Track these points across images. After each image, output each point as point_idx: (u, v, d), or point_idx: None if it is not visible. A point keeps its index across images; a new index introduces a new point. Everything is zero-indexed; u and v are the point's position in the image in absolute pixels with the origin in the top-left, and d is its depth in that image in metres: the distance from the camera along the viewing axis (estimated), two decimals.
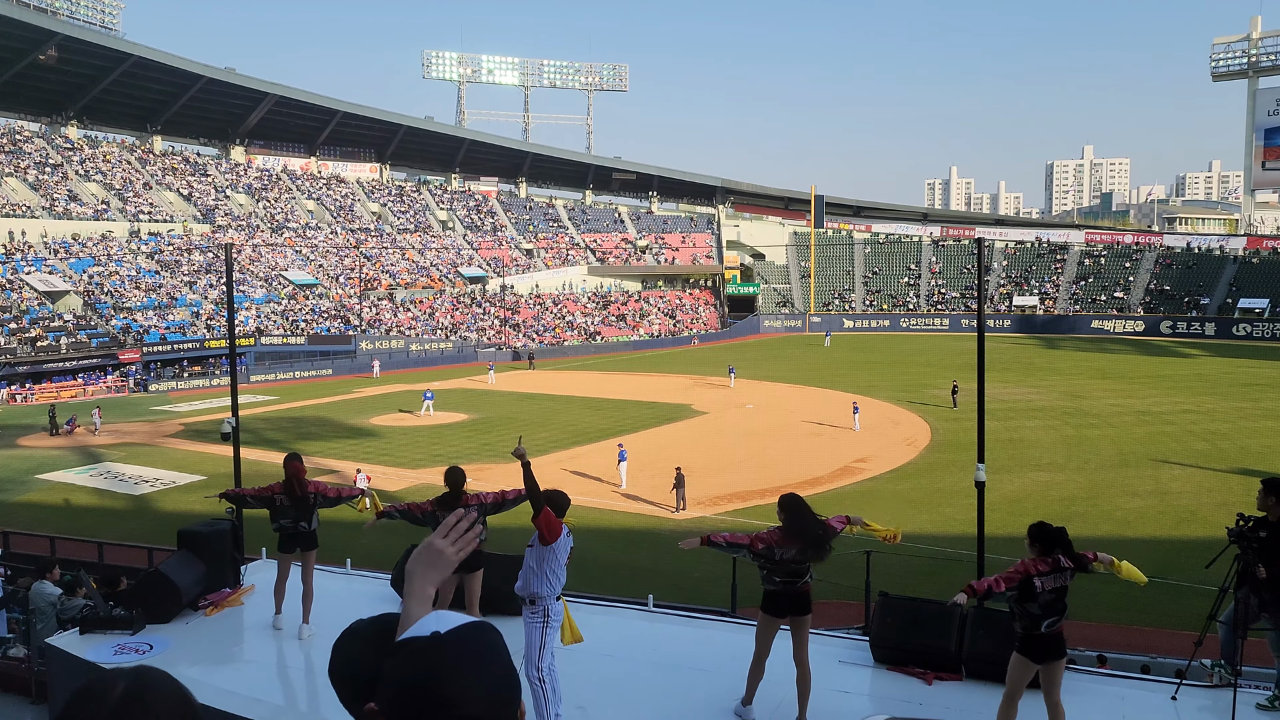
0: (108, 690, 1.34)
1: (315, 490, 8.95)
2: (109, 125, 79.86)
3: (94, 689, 1.35)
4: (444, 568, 1.85)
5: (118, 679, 1.37)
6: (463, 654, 1.41)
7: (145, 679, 1.38)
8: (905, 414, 39.66)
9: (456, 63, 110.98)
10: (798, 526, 6.87)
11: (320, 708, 7.44)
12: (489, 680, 1.41)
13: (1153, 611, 17.42)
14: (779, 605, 6.85)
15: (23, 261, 58.27)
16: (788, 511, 6.99)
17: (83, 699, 1.34)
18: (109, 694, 1.34)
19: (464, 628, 1.46)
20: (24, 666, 9.76)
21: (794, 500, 7.09)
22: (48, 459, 34.21)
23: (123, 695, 1.34)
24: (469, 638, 1.44)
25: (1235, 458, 29.78)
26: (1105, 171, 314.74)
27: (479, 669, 1.40)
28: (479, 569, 8.20)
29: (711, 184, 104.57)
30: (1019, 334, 76.66)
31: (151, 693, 1.36)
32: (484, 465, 29.90)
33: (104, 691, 1.34)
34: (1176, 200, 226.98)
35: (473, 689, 1.38)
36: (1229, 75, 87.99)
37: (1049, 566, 6.16)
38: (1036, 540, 6.29)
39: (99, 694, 1.34)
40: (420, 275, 78.63)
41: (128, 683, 1.36)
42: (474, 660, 1.41)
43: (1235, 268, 78.16)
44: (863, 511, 26.52)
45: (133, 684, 1.36)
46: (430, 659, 1.40)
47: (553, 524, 6.64)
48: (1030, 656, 6.18)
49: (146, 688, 1.36)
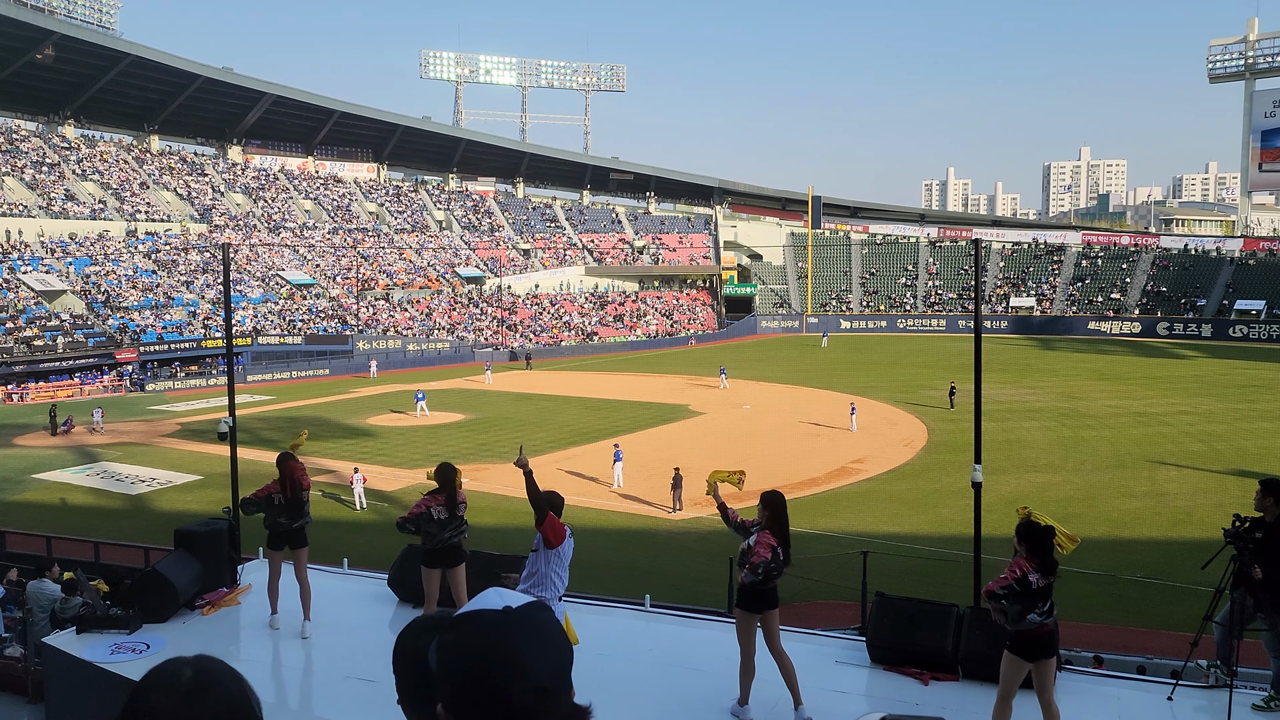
0: (177, 677, 1.39)
1: (307, 487, 9.01)
2: (106, 124, 79.74)
3: (163, 675, 1.40)
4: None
5: (185, 666, 1.42)
6: (536, 627, 1.46)
7: (210, 667, 1.43)
8: (902, 415, 39.69)
9: (454, 63, 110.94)
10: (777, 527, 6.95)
11: (316, 707, 7.44)
12: (555, 654, 1.46)
13: (1149, 612, 17.46)
14: (758, 601, 6.89)
15: (19, 261, 58.17)
16: (770, 510, 7.03)
17: (153, 685, 1.39)
18: (178, 680, 1.39)
19: (531, 604, 1.51)
20: (20, 666, 9.75)
21: (774, 499, 7.10)
22: (44, 458, 34.16)
23: (191, 682, 1.39)
24: (536, 613, 1.49)
25: (1231, 459, 29.83)
26: (1102, 173, 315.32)
27: (550, 642, 1.46)
28: (461, 563, 8.31)
29: (709, 184, 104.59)
30: (1016, 335, 76.73)
31: (216, 681, 1.41)
32: (481, 465, 29.90)
33: (174, 678, 1.39)
34: (1173, 202, 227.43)
35: (544, 661, 1.43)
36: (1226, 77, 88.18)
37: (1038, 564, 6.19)
38: (1024, 539, 6.31)
39: (169, 681, 1.39)
40: (417, 275, 78.58)
41: (195, 670, 1.41)
42: (546, 634, 1.46)
43: (1232, 269, 78.28)
44: (859, 513, 26.46)
45: (200, 672, 1.41)
46: (508, 631, 1.44)
47: (557, 528, 6.69)
48: (1022, 655, 6.20)
49: (212, 676, 1.42)
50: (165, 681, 1.40)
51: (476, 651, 1.41)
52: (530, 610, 1.49)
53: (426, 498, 8.34)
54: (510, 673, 1.39)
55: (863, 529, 22.91)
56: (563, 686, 1.45)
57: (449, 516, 8.20)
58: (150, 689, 1.39)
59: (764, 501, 7.09)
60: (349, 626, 8.97)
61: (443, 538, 8.18)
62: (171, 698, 1.38)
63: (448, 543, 8.22)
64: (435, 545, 8.20)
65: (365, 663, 7.98)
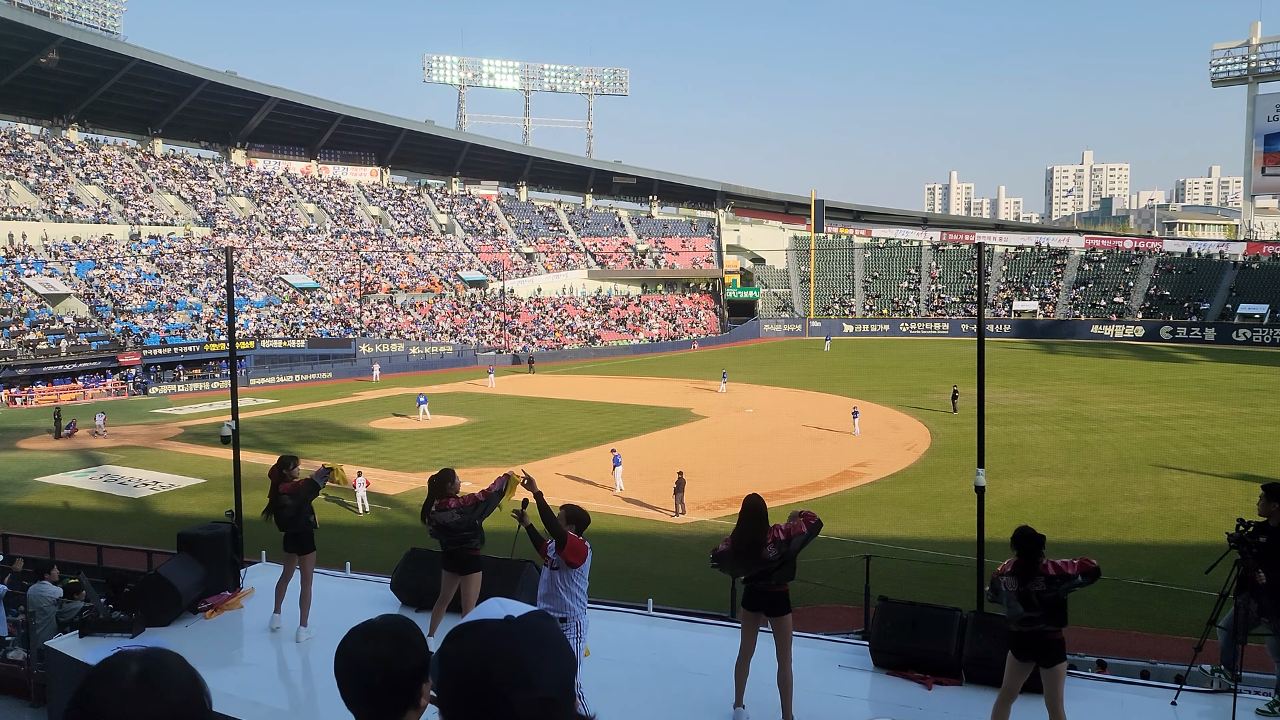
0: (123, 670, 1.38)
1: (290, 490, 8.85)
2: (110, 128, 79.95)
3: (109, 669, 1.39)
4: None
5: (131, 660, 1.41)
6: (539, 636, 1.45)
7: (158, 660, 1.42)
8: (905, 419, 39.65)
9: (457, 66, 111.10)
10: (738, 532, 6.86)
11: (319, 711, 7.43)
12: (560, 664, 1.45)
13: (1152, 617, 17.42)
14: (751, 600, 6.90)
15: (23, 264, 58.29)
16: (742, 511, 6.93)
17: (98, 678, 1.38)
18: (124, 674, 1.38)
19: (534, 613, 1.49)
20: (23, 669, 9.75)
21: (746, 501, 6.99)
22: (47, 462, 34.19)
23: (137, 675, 1.38)
24: (540, 622, 1.48)
25: (1235, 463, 29.77)
26: (1105, 176, 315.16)
27: (554, 652, 1.45)
28: (477, 571, 8.22)
29: (711, 188, 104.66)
30: (1019, 339, 76.68)
31: (164, 673, 1.40)
32: (483, 469, 29.88)
33: (119, 671, 1.38)
34: (1176, 205, 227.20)
35: (549, 672, 1.42)
36: (1229, 81, 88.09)
37: (1009, 569, 6.29)
38: (1014, 545, 6.39)
39: (115, 674, 1.38)
40: (420, 279, 78.65)
41: (141, 664, 1.40)
42: (550, 644, 1.45)
43: (1235, 273, 78.18)
44: (862, 516, 26.40)
45: (146, 664, 1.40)
46: (512, 641, 1.42)
47: (579, 549, 6.63)
48: (1017, 655, 6.28)
49: (159, 668, 1.40)
50: (112, 675, 1.38)
51: (480, 662, 1.39)
52: (533, 619, 1.47)
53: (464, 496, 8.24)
54: (514, 682, 1.37)
55: (865, 533, 22.87)
56: (567, 696, 1.43)
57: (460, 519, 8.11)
58: (96, 684, 1.37)
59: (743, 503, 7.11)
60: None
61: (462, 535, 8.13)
62: (117, 693, 1.36)
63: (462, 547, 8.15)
64: (446, 548, 8.19)
65: None
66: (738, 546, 6.83)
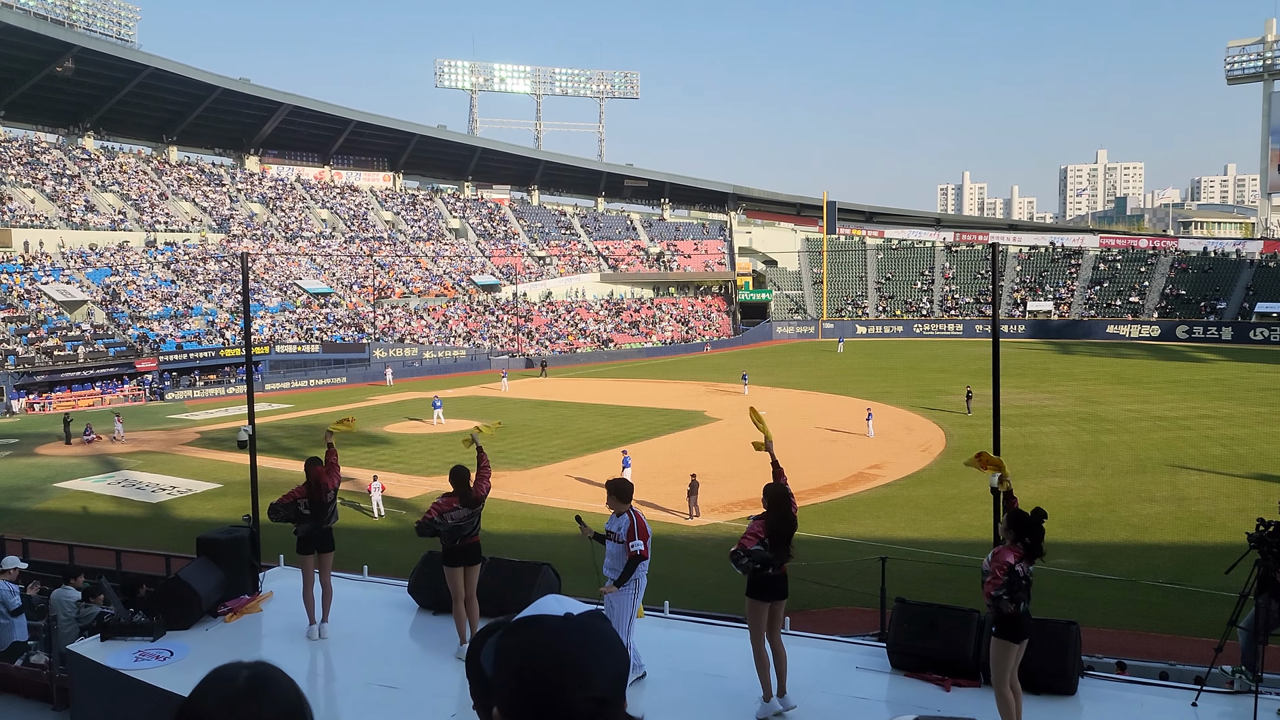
0: (233, 679, 1.45)
1: (334, 488, 9.16)
2: (125, 136, 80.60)
3: (221, 675, 1.46)
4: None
5: (241, 669, 1.47)
6: (596, 635, 1.47)
7: (266, 672, 1.49)
8: (919, 420, 39.53)
9: (469, 71, 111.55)
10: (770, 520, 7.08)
11: (340, 713, 7.47)
12: (614, 665, 1.46)
13: (1171, 618, 17.31)
14: (763, 590, 6.97)
15: (40, 271, 58.80)
16: (768, 501, 7.23)
17: (209, 687, 1.45)
18: (234, 682, 1.44)
19: (591, 612, 1.51)
20: (45, 673, 9.84)
21: (772, 491, 7.26)
22: (66, 467, 34.46)
23: (247, 684, 1.44)
24: (595, 621, 1.50)
25: (1253, 463, 29.56)
26: (1119, 176, 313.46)
27: (609, 653, 1.46)
28: (480, 562, 8.61)
29: (723, 190, 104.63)
30: (1034, 339, 76.31)
31: (271, 684, 1.46)
32: (498, 473, 29.89)
33: (231, 675, 1.45)
34: (1191, 204, 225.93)
35: (604, 671, 1.43)
36: (1244, 78, 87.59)
37: (1021, 553, 6.30)
38: (1012, 527, 6.38)
39: (225, 682, 1.45)
40: (433, 283, 78.92)
41: (251, 673, 1.46)
42: (606, 644, 1.47)
43: (1252, 271, 77.59)
44: (877, 518, 26.37)
45: (255, 675, 1.46)
46: (570, 639, 1.44)
47: (645, 532, 7.92)
48: (1012, 639, 6.27)
49: (267, 679, 1.47)
50: (221, 683, 1.44)
51: (538, 657, 1.41)
52: (590, 619, 1.48)
53: (443, 500, 8.53)
54: (571, 680, 1.39)
55: (881, 535, 22.83)
56: (619, 697, 1.45)
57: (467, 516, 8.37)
58: (206, 691, 1.44)
59: (764, 492, 7.33)
60: (369, 633, 9.02)
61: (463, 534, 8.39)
62: (226, 700, 1.42)
63: (467, 541, 8.43)
64: (455, 545, 8.34)
65: (386, 669, 8.03)
66: (777, 533, 6.95)
